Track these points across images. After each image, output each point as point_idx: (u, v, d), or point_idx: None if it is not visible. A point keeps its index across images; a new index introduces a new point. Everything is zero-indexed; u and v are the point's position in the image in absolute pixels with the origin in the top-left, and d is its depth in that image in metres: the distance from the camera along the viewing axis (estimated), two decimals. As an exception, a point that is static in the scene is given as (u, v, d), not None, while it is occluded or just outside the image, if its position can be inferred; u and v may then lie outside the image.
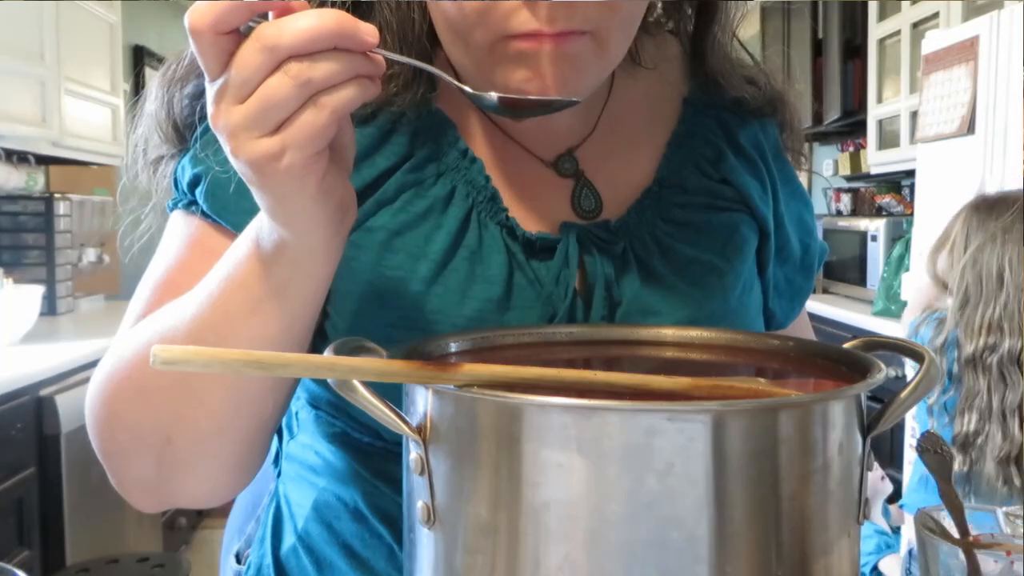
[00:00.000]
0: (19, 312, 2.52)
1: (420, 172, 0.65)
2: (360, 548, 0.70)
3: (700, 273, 0.69)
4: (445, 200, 0.65)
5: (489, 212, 0.65)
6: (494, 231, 0.65)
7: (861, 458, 0.47)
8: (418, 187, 0.65)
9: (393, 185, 0.64)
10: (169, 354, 0.42)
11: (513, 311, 0.64)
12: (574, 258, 0.66)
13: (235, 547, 0.85)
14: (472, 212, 0.65)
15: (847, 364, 0.54)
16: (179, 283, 0.63)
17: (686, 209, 0.70)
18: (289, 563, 0.73)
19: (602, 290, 0.66)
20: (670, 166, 0.71)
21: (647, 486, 0.41)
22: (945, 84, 2.73)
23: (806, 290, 0.81)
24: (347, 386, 0.45)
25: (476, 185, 0.66)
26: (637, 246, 0.68)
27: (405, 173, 0.65)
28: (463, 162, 0.66)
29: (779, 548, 0.43)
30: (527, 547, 0.43)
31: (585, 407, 0.42)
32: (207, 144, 0.63)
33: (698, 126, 0.72)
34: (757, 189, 0.73)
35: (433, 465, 0.46)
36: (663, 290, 0.67)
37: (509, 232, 0.65)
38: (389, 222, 0.64)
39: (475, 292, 0.64)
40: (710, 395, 0.47)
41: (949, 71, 2.71)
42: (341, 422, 0.70)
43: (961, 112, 2.63)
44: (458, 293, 0.64)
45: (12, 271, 2.77)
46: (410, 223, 0.64)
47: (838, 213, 4.75)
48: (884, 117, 3.80)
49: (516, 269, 0.65)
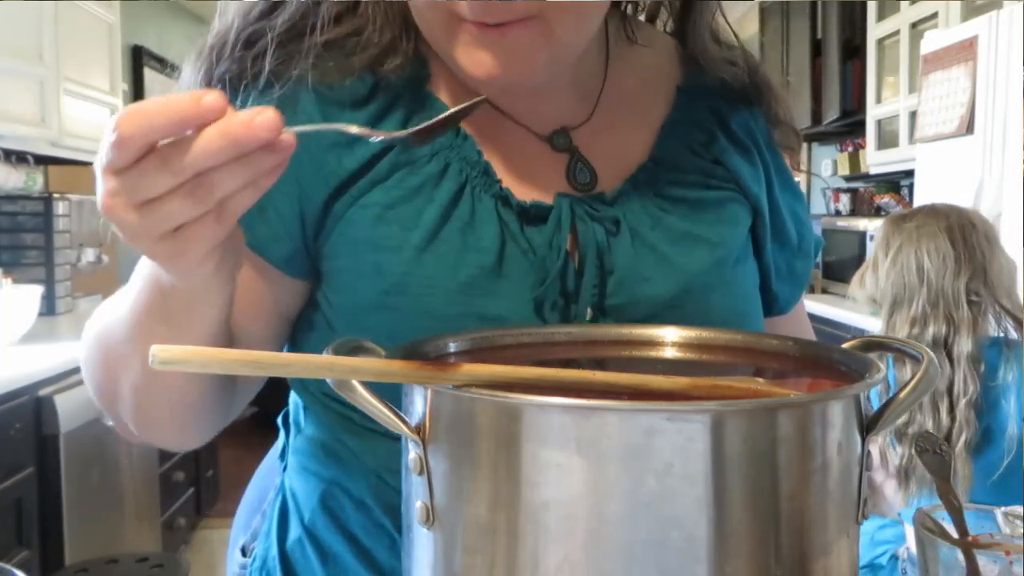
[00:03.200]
0: (18, 312, 2.52)
1: (413, 152, 0.67)
2: (364, 538, 0.71)
3: (692, 245, 0.70)
4: (438, 176, 0.67)
5: (482, 185, 0.67)
6: (487, 203, 0.67)
7: (860, 458, 0.47)
8: (411, 166, 0.67)
9: (386, 165, 0.66)
10: (168, 354, 0.42)
11: (505, 279, 0.66)
12: (566, 224, 0.67)
13: (241, 541, 0.86)
14: (466, 186, 0.67)
15: (846, 364, 0.54)
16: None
17: (679, 186, 0.71)
18: (295, 554, 0.75)
19: (594, 257, 0.67)
20: (664, 147, 0.73)
21: (646, 486, 0.41)
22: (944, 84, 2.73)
23: (806, 276, 0.83)
24: (346, 386, 0.45)
25: (469, 161, 0.67)
26: (630, 217, 0.69)
27: (398, 153, 0.66)
28: (455, 140, 0.68)
29: (778, 548, 0.43)
30: (526, 547, 0.43)
31: (584, 407, 0.42)
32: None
33: (691, 112, 0.75)
34: (748, 171, 0.75)
35: (432, 465, 0.46)
36: (655, 259, 0.68)
37: (503, 201, 0.67)
38: (382, 198, 0.66)
39: (467, 260, 0.65)
40: (709, 395, 0.48)
41: (948, 71, 2.71)
42: (348, 416, 0.71)
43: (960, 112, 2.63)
44: (450, 261, 0.65)
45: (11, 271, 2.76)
46: (403, 197, 0.66)
47: (837, 213, 4.75)
48: (883, 117, 3.81)
49: (509, 239, 0.66)
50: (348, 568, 0.72)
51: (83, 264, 3.25)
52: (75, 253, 3.19)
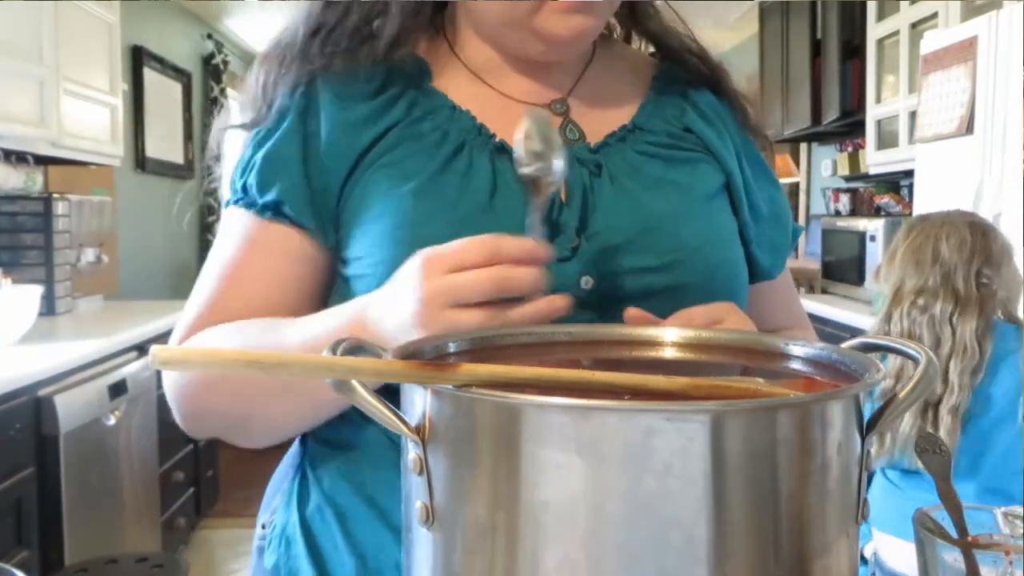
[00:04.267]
0: (18, 312, 2.52)
1: (416, 127, 0.78)
2: (382, 500, 0.76)
3: (664, 189, 0.81)
4: (438, 142, 0.77)
5: (479, 143, 0.78)
6: (484, 155, 0.77)
7: (860, 458, 0.47)
8: (415, 138, 0.77)
9: (392, 138, 0.77)
10: (168, 354, 0.42)
11: (496, 214, 0.74)
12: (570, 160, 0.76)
13: (262, 520, 0.90)
14: (464, 145, 0.77)
15: (846, 364, 0.54)
16: (238, 278, 0.77)
17: (655, 146, 0.83)
18: (314, 520, 0.81)
19: (579, 196, 0.77)
20: (641, 117, 0.85)
21: (646, 486, 0.41)
22: (944, 84, 2.73)
23: (784, 246, 0.91)
24: (346, 386, 0.45)
25: (465, 126, 0.78)
26: (611, 165, 0.80)
27: (403, 128, 0.78)
28: (454, 114, 0.79)
29: (777, 548, 0.43)
30: (525, 547, 0.43)
31: (583, 407, 0.42)
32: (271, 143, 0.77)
33: (665, 95, 0.88)
34: (717, 140, 0.85)
35: (432, 465, 0.46)
36: (631, 200, 0.79)
37: (498, 150, 0.77)
38: (390, 160, 0.77)
39: (464, 200, 0.75)
40: (709, 395, 0.48)
41: (948, 71, 2.71)
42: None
43: (960, 112, 2.63)
44: (450, 200, 0.75)
45: (11, 271, 2.76)
46: (408, 157, 0.77)
47: (837, 213, 4.75)
48: (883, 117, 3.81)
49: (502, 184, 0.76)
50: (368, 529, 0.77)
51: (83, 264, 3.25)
52: (75, 253, 3.18)
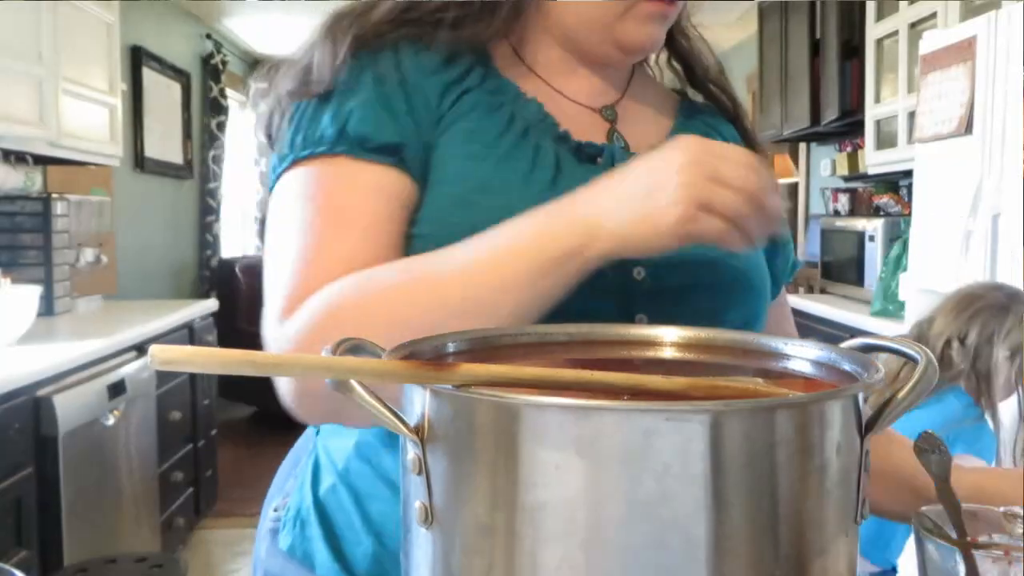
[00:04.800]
0: (17, 312, 2.52)
1: (490, 98, 0.81)
2: (395, 477, 0.75)
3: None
4: (507, 121, 0.81)
5: (544, 129, 0.81)
6: (549, 142, 0.81)
7: (859, 458, 0.47)
8: (488, 109, 0.81)
9: (468, 102, 0.81)
10: (168, 354, 0.42)
11: (560, 196, 0.74)
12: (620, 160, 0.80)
13: (274, 503, 0.90)
14: (530, 130, 0.81)
15: (845, 364, 0.54)
16: (341, 222, 0.75)
17: None
18: (328, 501, 0.82)
19: None
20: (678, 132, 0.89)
21: (645, 487, 0.41)
22: (943, 84, 2.73)
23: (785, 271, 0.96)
24: (345, 386, 0.45)
25: (532, 114, 0.82)
26: None
27: (477, 94, 0.81)
28: (520, 99, 0.83)
29: (777, 549, 0.43)
30: (525, 548, 0.43)
31: (583, 407, 0.42)
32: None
33: (692, 120, 0.93)
34: None
35: (431, 465, 0.46)
36: None
37: (561, 139, 0.81)
38: (467, 126, 0.80)
39: (535, 177, 0.78)
40: (708, 395, 0.47)
41: (947, 71, 2.71)
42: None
43: (959, 112, 2.63)
44: (523, 173, 0.78)
45: (10, 271, 2.76)
46: (484, 127, 0.80)
47: (836, 213, 4.75)
48: (882, 117, 3.81)
49: (566, 169, 0.79)
50: (383, 508, 0.78)
51: (82, 264, 3.25)
52: (74, 253, 3.18)
